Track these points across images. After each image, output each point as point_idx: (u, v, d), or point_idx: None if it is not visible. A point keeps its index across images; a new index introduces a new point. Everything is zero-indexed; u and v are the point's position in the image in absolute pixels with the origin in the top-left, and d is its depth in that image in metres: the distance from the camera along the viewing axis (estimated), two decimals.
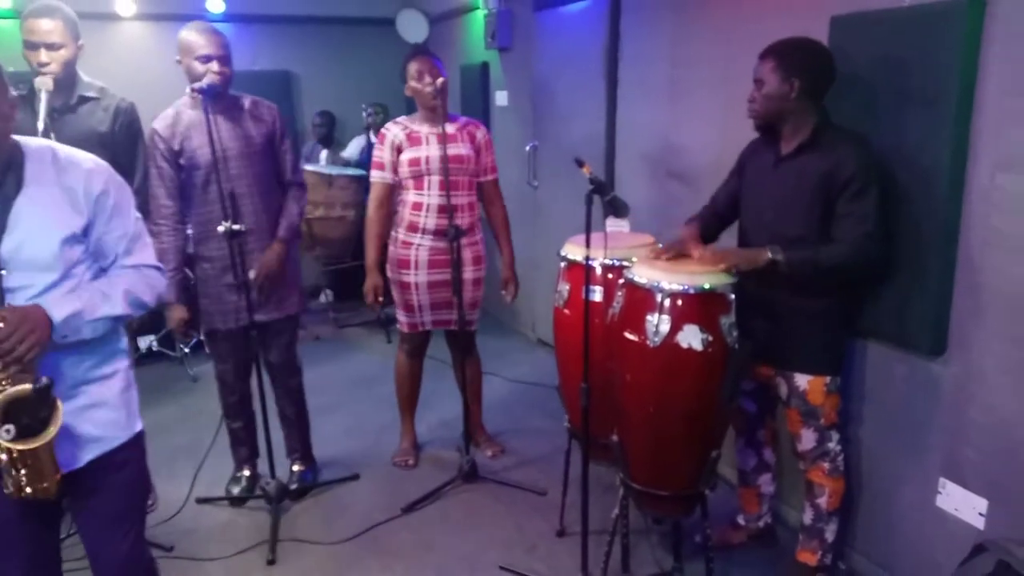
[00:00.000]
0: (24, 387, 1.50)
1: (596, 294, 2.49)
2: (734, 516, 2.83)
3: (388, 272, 3.29)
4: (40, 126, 2.50)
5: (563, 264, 2.66)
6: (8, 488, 1.56)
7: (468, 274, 3.26)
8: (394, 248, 3.25)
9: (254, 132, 2.88)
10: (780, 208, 2.31)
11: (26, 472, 1.54)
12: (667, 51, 3.39)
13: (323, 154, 5.84)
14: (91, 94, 2.80)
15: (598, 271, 2.53)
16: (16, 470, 1.54)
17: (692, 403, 2.22)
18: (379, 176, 3.21)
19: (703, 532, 2.45)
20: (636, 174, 3.74)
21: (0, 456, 1.52)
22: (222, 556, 2.80)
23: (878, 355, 2.45)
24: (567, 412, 2.80)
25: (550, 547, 2.85)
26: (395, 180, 3.20)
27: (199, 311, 3.00)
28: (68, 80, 2.72)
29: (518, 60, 4.82)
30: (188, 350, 4.66)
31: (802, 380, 2.35)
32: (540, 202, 4.74)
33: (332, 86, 6.09)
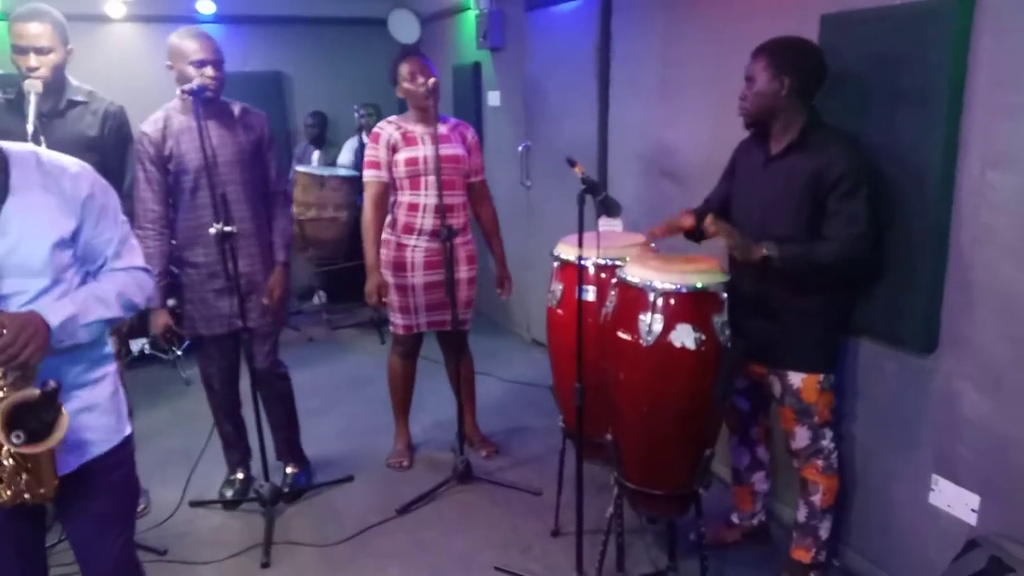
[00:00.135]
0: (32, 391, 1.49)
1: (589, 294, 2.49)
2: (728, 514, 2.83)
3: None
4: (29, 130, 2.49)
5: (556, 264, 2.66)
6: (4, 496, 1.55)
7: (462, 273, 3.27)
8: (388, 251, 3.23)
9: (244, 139, 2.87)
10: (769, 208, 2.31)
11: (27, 478, 1.54)
12: (658, 50, 3.39)
13: (315, 155, 5.81)
14: (80, 98, 2.79)
15: (591, 271, 2.53)
16: (19, 476, 1.53)
17: (685, 402, 2.22)
18: (375, 175, 3.19)
19: (697, 531, 2.45)
20: (628, 173, 3.74)
21: (4, 462, 1.52)
22: (216, 560, 2.80)
23: (870, 352, 2.46)
24: (561, 412, 2.80)
25: (545, 547, 2.85)
26: (389, 179, 3.19)
27: (183, 316, 2.99)
28: (57, 84, 2.71)
29: (510, 60, 4.81)
30: (180, 353, 4.64)
31: (796, 378, 2.36)
32: (533, 202, 4.74)
33: (324, 87, 6.06)
